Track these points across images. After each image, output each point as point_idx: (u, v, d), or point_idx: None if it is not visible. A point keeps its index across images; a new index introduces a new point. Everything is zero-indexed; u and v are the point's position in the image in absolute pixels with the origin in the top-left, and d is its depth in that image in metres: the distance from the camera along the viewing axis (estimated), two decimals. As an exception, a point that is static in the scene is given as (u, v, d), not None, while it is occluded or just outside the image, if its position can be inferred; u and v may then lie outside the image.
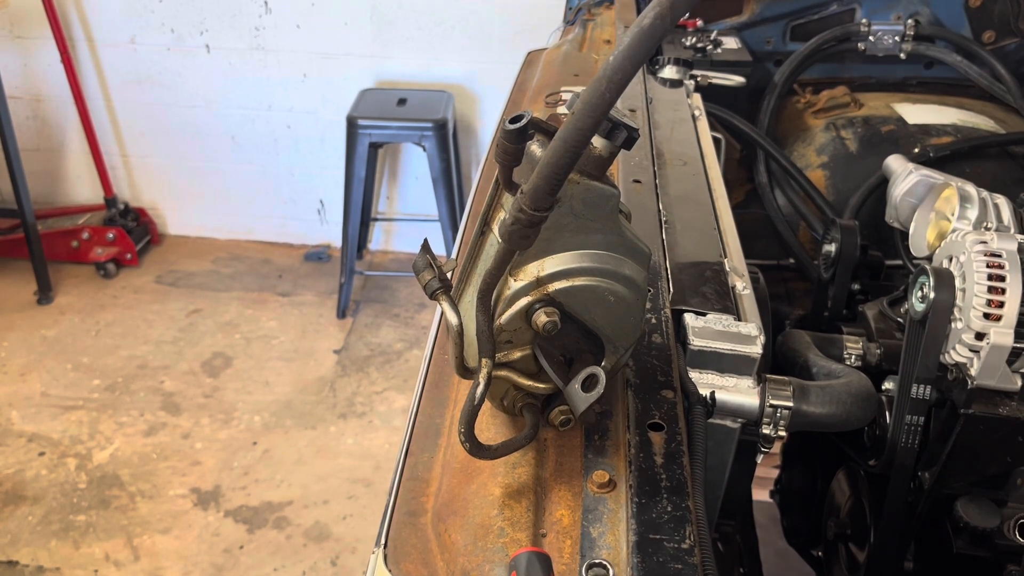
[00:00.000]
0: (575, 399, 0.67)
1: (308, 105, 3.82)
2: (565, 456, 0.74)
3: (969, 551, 1.00)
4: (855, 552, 1.20)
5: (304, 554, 2.58)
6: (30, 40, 3.77)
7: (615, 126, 0.62)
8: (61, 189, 4.16)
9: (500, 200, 0.69)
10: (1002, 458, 0.99)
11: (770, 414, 0.87)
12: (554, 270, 0.67)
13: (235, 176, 4.02)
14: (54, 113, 3.96)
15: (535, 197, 0.59)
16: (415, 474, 0.76)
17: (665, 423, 0.76)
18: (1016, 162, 1.68)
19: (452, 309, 0.69)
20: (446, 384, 0.87)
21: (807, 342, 1.14)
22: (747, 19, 2.04)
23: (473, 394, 0.67)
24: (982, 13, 1.98)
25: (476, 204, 1.25)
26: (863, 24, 1.95)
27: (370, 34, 3.64)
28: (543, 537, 0.66)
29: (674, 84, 1.65)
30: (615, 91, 0.55)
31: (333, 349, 3.47)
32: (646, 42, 0.54)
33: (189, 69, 3.78)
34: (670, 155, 1.31)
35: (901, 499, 1.06)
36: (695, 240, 1.08)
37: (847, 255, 1.37)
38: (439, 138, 3.37)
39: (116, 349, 3.41)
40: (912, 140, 1.71)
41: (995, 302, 0.92)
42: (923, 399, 0.99)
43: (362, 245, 3.99)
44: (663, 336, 0.87)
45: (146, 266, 3.97)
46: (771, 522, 1.76)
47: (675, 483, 0.69)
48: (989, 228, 1.10)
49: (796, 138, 1.88)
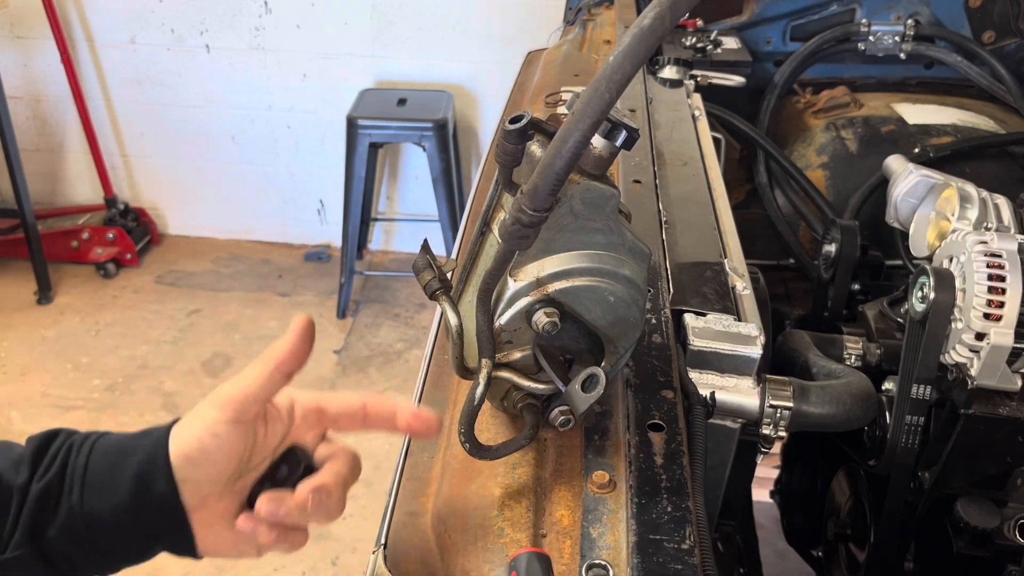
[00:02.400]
0: (575, 399, 0.67)
1: (308, 105, 3.82)
2: (565, 456, 0.74)
3: (969, 551, 1.00)
4: (855, 552, 1.20)
5: (304, 554, 2.58)
6: (30, 40, 3.76)
7: (615, 126, 0.62)
8: (61, 189, 4.16)
9: (500, 200, 0.69)
10: (1002, 458, 0.99)
11: (770, 414, 0.87)
12: (554, 270, 0.67)
13: (235, 176, 4.02)
14: (54, 113, 3.96)
15: (535, 197, 0.59)
16: (415, 474, 0.76)
17: (665, 423, 0.76)
18: (1016, 162, 1.68)
19: (452, 309, 0.69)
20: (446, 384, 0.87)
21: (807, 342, 1.14)
22: (747, 19, 2.04)
23: (473, 394, 0.67)
24: (982, 13, 1.98)
25: (476, 204, 1.25)
26: (863, 24, 1.95)
27: (370, 34, 3.64)
28: (543, 537, 0.66)
29: (674, 84, 1.65)
30: (615, 91, 0.55)
31: (333, 349, 3.47)
32: (646, 42, 0.54)
33: (189, 69, 3.78)
34: (670, 155, 1.31)
35: (901, 499, 1.06)
36: (695, 240, 1.08)
37: (847, 255, 1.37)
38: (439, 138, 3.36)
39: (116, 349, 3.41)
40: (912, 140, 1.71)
41: (995, 302, 0.92)
42: (923, 399, 0.99)
43: (362, 245, 3.99)
44: (663, 336, 0.87)
45: (146, 266, 3.97)
46: (771, 522, 1.76)
47: (675, 483, 0.69)
48: (989, 228, 1.10)
49: (796, 138, 1.88)
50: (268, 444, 0.69)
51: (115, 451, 0.67)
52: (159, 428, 0.68)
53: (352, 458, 0.71)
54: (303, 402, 0.71)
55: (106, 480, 0.66)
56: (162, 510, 0.66)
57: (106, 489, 0.65)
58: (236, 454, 0.67)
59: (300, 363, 0.68)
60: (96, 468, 0.66)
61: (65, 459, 0.66)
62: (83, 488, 0.65)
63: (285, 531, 0.69)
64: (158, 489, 0.66)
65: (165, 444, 0.66)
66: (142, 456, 0.66)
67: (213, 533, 0.69)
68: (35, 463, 0.66)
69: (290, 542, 0.70)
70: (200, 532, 0.69)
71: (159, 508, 0.66)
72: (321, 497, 0.67)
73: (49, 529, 0.65)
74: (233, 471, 0.67)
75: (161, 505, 0.66)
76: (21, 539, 0.64)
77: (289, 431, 0.70)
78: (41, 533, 0.64)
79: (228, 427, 0.66)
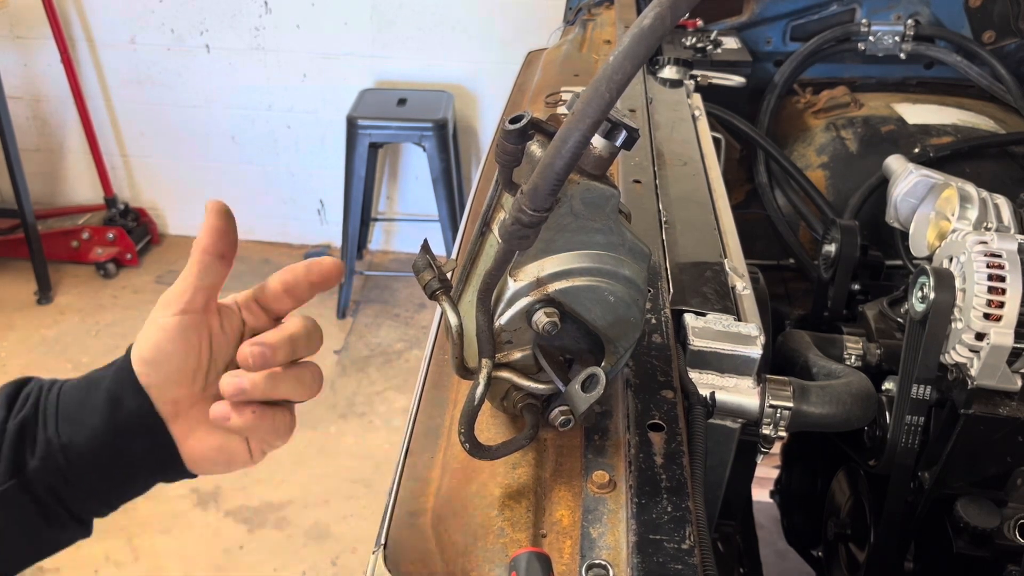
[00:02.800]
0: (575, 399, 0.67)
1: (308, 105, 3.82)
2: (565, 456, 0.74)
3: (969, 551, 1.00)
4: (855, 552, 1.20)
5: (304, 554, 2.58)
6: (30, 40, 3.76)
7: (615, 126, 0.62)
8: (61, 189, 4.16)
9: (500, 200, 0.69)
10: (1002, 458, 0.99)
11: (770, 414, 0.87)
12: (554, 270, 0.67)
13: (235, 176, 4.02)
14: (54, 113, 3.96)
15: (535, 197, 0.59)
16: (415, 474, 0.76)
17: (665, 423, 0.76)
18: (1016, 162, 1.68)
19: (452, 309, 0.69)
20: (446, 384, 0.87)
21: (807, 342, 1.14)
22: (747, 19, 2.04)
23: (473, 394, 0.67)
24: (982, 13, 1.98)
25: (476, 204, 1.25)
26: (863, 24, 1.95)
27: (370, 34, 3.64)
28: (543, 537, 0.66)
29: (674, 84, 1.65)
30: (615, 91, 0.55)
31: (333, 349, 3.47)
32: (646, 42, 0.54)
33: (189, 69, 3.78)
34: (670, 155, 1.31)
35: (901, 499, 1.06)
36: (695, 240, 1.08)
37: (847, 255, 1.37)
38: (439, 138, 3.37)
39: (116, 349, 3.37)
40: (912, 140, 1.71)
41: (995, 302, 0.92)
42: (923, 399, 0.99)
43: (362, 245, 3.99)
44: (663, 336, 0.87)
45: (146, 266, 3.97)
46: (771, 522, 1.76)
47: (675, 483, 0.69)
48: (989, 228, 1.10)
49: (796, 138, 1.88)
50: (229, 339, 0.71)
51: (84, 383, 0.69)
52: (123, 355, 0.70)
53: (304, 320, 0.72)
54: (241, 298, 0.74)
55: (79, 409, 0.67)
56: (138, 425, 0.67)
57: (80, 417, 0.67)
58: (192, 348, 0.68)
59: (227, 241, 0.70)
60: (68, 400, 0.68)
61: (37, 397, 0.68)
62: (57, 420, 0.67)
63: (262, 410, 0.69)
64: (129, 405, 0.67)
65: (127, 361, 0.68)
66: (109, 379, 0.68)
67: (196, 441, 0.70)
68: (9, 404, 0.68)
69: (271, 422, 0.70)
70: (183, 444, 0.70)
71: (135, 424, 0.67)
72: (264, 352, 0.67)
73: (30, 462, 0.66)
74: (195, 368, 0.68)
75: (136, 420, 0.67)
76: (2, 475, 0.65)
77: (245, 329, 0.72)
78: (22, 467, 0.65)
79: (177, 320, 0.67)
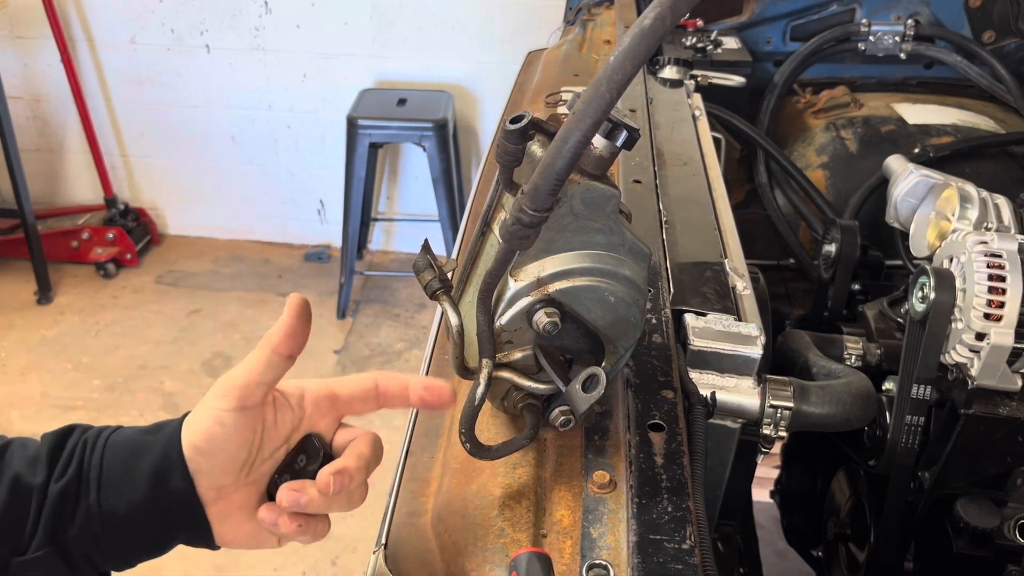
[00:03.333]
0: (575, 399, 0.67)
1: (308, 105, 3.82)
2: (565, 456, 0.74)
3: (969, 551, 1.00)
4: (855, 552, 1.20)
5: (304, 554, 2.58)
6: (30, 40, 3.76)
7: (615, 126, 0.62)
8: (61, 189, 4.16)
9: (500, 200, 0.69)
10: (1002, 458, 0.99)
11: (770, 414, 0.87)
12: (554, 270, 0.67)
13: (235, 176, 4.02)
14: (54, 113, 3.96)
15: (535, 197, 0.59)
16: (415, 474, 0.76)
17: (665, 423, 0.76)
18: (1016, 162, 1.68)
19: (452, 309, 0.69)
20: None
21: (807, 342, 1.14)
22: (747, 19, 2.04)
23: (473, 394, 0.67)
24: (982, 13, 1.98)
25: (476, 204, 1.25)
26: (863, 24, 1.95)
27: (370, 34, 3.64)
28: (543, 537, 0.66)
29: (674, 84, 1.65)
30: (615, 91, 0.55)
31: (333, 349, 3.47)
32: (646, 42, 0.54)
33: (189, 69, 3.78)
34: (670, 155, 1.31)
35: (901, 499, 1.06)
36: (695, 240, 1.08)
37: (847, 255, 1.37)
38: (439, 138, 3.36)
39: (116, 349, 3.41)
40: (912, 140, 1.71)
41: (995, 302, 0.92)
42: (923, 399, 0.99)
43: (362, 245, 3.99)
44: (663, 336, 0.87)
45: (146, 266, 3.97)
46: (771, 522, 1.76)
47: (675, 483, 0.69)
48: (989, 228, 1.10)
49: (796, 138, 1.88)
50: (280, 431, 0.69)
51: (130, 449, 0.68)
52: (170, 423, 0.69)
53: (373, 440, 0.71)
54: (313, 390, 0.71)
55: (123, 479, 0.66)
56: (179, 505, 0.67)
57: (123, 488, 0.66)
58: (245, 441, 0.67)
59: (299, 343, 0.68)
60: (112, 466, 0.67)
61: (81, 458, 0.67)
62: (100, 487, 0.66)
63: (307, 520, 0.69)
64: (174, 485, 0.66)
65: (178, 439, 0.67)
66: (157, 453, 0.67)
67: (231, 525, 0.70)
68: (52, 462, 0.67)
69: (312, 531, 0.70)
70: (217, 525, 0.69)
71: (176, 503, 0.67)
72: (343, 480, 0.66)
73: (69, 529, 0.65)
74: (244, 459, 0.68)
75: (178, 500, 0.67)
76: (43, 540, 0.65)
77: (302, 421, 0.70)
78: (62, 533, 0.65)
79: (234, 415, 0.66)
